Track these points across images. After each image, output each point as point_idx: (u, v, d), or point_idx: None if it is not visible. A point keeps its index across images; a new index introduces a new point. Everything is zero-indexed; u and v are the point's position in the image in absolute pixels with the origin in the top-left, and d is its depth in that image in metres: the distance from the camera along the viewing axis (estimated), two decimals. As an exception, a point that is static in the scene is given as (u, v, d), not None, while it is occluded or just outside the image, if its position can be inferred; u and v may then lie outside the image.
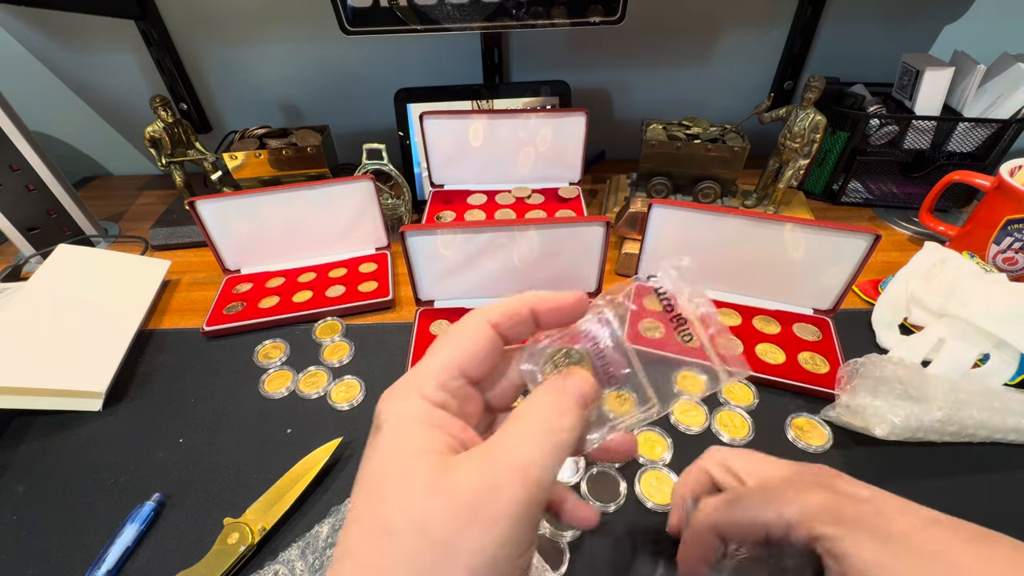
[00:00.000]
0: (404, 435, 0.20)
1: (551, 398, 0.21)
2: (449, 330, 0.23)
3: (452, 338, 0.22)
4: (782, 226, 0.50)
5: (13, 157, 0.63)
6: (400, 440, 0.20)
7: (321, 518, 0.39)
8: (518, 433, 0.20)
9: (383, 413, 0.21)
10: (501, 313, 0.23)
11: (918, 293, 0.51)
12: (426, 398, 0.21)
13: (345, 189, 0.60)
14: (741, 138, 0.64)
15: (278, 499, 0.40)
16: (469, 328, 0.22)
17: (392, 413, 0.21)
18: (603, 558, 0.37)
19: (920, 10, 0.75)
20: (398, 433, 0.20)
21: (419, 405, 0.20)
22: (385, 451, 0.20)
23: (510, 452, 0.19)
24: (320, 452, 0.43)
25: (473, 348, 0.22)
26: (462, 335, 0.22)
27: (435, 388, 0.21)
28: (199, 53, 0.79)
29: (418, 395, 0.21)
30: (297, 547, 0.37)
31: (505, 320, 0.22)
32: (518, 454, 0.19)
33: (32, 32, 0.76)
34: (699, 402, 0.47)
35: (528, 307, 0.23)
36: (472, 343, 0.22)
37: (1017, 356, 0.45)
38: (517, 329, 0.23)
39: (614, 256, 0.63)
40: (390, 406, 0.21)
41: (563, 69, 0.78)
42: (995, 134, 0.64)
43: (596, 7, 0.60)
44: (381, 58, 0.79)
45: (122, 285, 0.59)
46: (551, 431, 0.20)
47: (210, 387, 0.51)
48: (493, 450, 0.19)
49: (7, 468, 0.45)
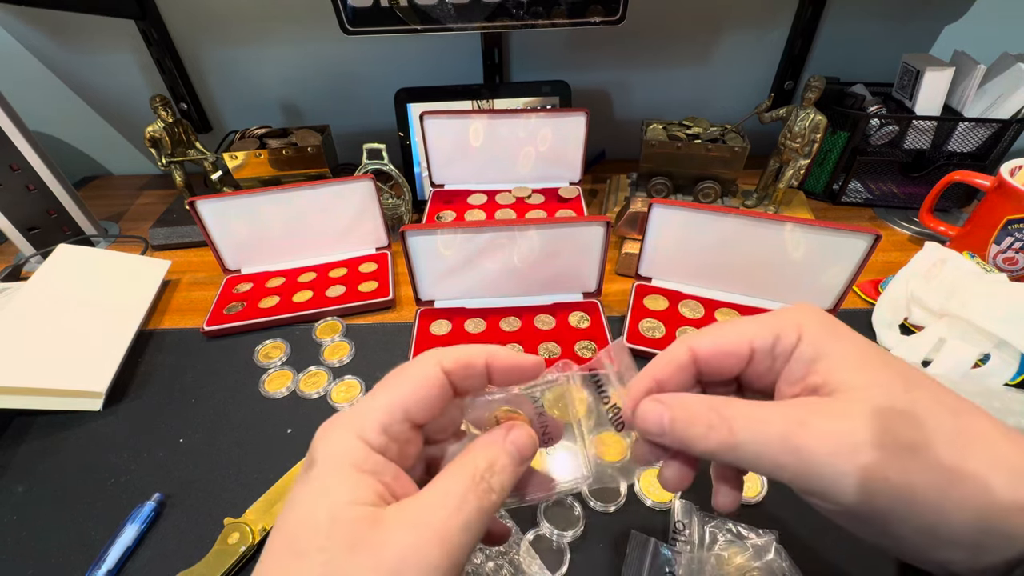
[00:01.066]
0: (334, 480, 0.19)
1: (488, 454, 0.21)
2: (401, 368, 0.22)
3: (402, 378, 0.22)
4: (782, 226, 0.50)
5: (13, 157, 0.63)
6: (329, 485, 0.19)
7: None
8: (447, 492, 0.20)
9: (318, 449, 0.20)
10: (455, 360, 0.22)
11: (918, 293, 0.51)
12: (365, 440, 0.20)
13: (345, 189, 0.60)
14: (741, 138, 0.64)
15: (278, 499, 0.40)
16: (421, 370, 0.22)
17: (327, 452, 0.20)
18: (603, 558, 0.37)
19: (920, 10, 0.75)
20: (329, 476, 0.19)
21: (355, 447, 0.20)
22: (311, 496, 0.19)
23: (436, 514, 0.19)
24: None
25: (422, 391, 0.21)
26: (413, 376, 0.22)
27: (376, 431, 0.20)
28: (199, 53, 0.79)
29: (357, 435, 0.20)
30: None
31: (459, 369, 0.22)
32: (444, 518, 0.19)
33: (32, 32, 0.76)
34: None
35: (484, 360, 0.23)
36: (421, 386, 0.22)
37: (1017, 356, 0.45)
38: (469, 381, 0.23)
39: (614, 256, 0.63)
40: (326, 443, 0.20)
41: (563, 69, 0.78)
42: (995, 134, 0.64)
43: (596, 7, 0.60)
44: (381, 58, 0.79)
45: (122, 285, 0.59)
46: (481, 493, 0.20)
47: (210, 387, 0.51)
48: (420, 509, 0.19)
49: (7, 468, 0.45)
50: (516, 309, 0.56)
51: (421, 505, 0.19)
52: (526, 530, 0.38)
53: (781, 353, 0.23)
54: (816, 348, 0.22)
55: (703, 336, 0.24)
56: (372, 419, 0.21)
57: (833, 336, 0.22)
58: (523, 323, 0.55)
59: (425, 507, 0.19)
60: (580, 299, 0.57)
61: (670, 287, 0.58)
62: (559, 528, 0.38)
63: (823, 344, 0.21)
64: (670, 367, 0.24)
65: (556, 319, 0.55)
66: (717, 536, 0.36)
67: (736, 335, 0.23)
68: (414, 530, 0.18)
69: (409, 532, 0.18)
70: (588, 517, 0.39)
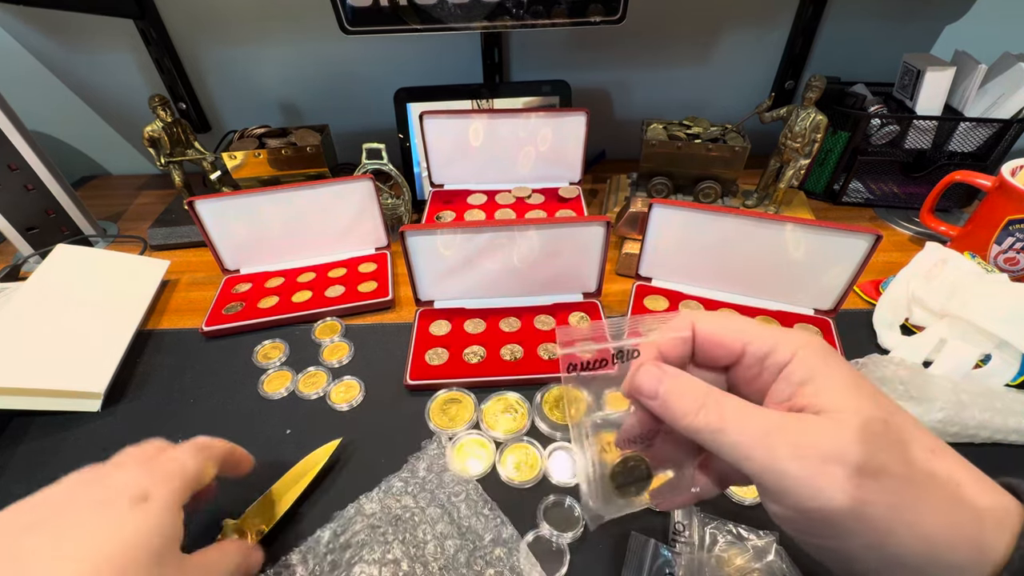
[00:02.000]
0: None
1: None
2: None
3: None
4: (783, 226, 0.50)
5: (12, 157, 0.63)
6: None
7: (323, 521, 0.39)
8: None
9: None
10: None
11: (919, 293, 0.51)
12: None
13: (345, 189, 0.60)
14: (742, 138, 0.63)
15: (277, 500, 0.40)
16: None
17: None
18: (603, 559, 0.37)
19: (921, 10, 0.75)
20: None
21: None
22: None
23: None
24: (319, 453, 0.42)
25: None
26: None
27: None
28: (198, 52, 0.79)
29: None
30: (299, 552, 0.37)
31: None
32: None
33: (31, 32, 0.76)
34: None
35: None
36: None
37: (1019, 356, 0.45)
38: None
39: (614, 256, 0.63)
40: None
41: (563, 69, 0.78)
42: (996, 134, 0.64)
43: (596, 7, 0.60)
44: (381, 58, 0.79)
45: (121, 285, 0.59)
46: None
47: (209, 387, 0.51)
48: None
49: (6, 468, 0.45)
50: (516, 309, 0.56)
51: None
52: (525, 532, 0.38)
53: (771, 366, 0.24)
54: (807, 371, 0.22)
55: (707, 318, 0.25)
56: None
57: (824, 363, 0.22)
58: (523, 323, 0.55)
59: None
60: (580, 299, 0.57)
61: (670, 287, 0.58)
62: (558, 529, 0.38)
63: (814, 368, 0.22)
64: (675, 340, 0.25)
65: (556, 319, 0.55)
66: (717, 537, 0.36)
67: (735, 331, 0.25)
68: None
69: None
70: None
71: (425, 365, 0.50)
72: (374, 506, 0.39)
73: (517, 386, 0.49)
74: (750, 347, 0.24)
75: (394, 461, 0.43)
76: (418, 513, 0.39)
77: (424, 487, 0.40)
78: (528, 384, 0.49)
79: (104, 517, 0.27)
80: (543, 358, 0.51)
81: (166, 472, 0.30)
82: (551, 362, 0.50)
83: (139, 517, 0.27)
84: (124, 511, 0.27)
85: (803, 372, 0.22)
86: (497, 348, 0.52)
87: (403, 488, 0.40)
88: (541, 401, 0.47)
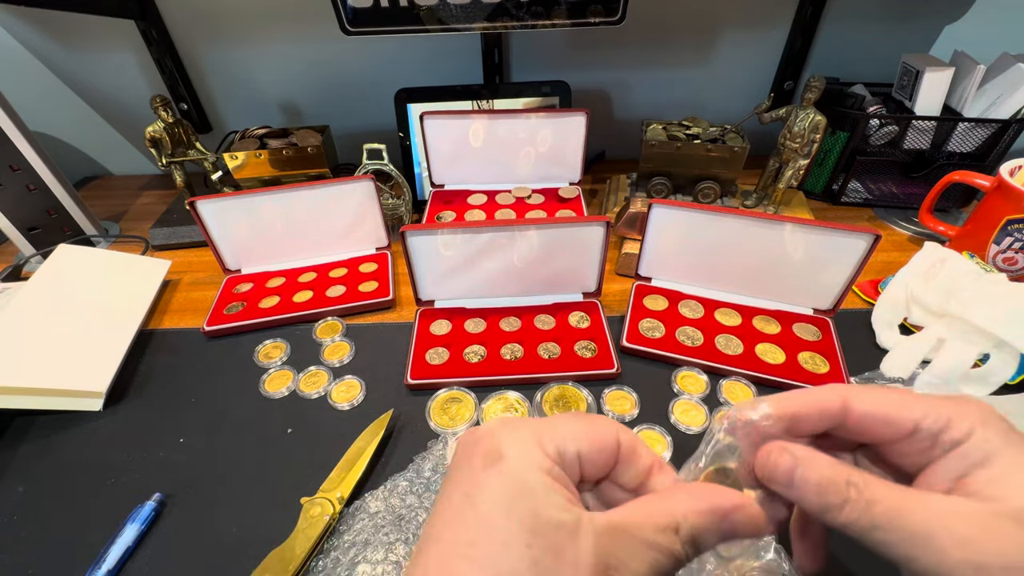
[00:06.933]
0: (534, 481, 0.19)
1: (705, 500, 0.21)
2: (584, 415, 0.22)
3: (583, 423, 0.22)
4: (782, 226, 0.50)
5: (13, 157, 0.63)
6: (530, 485, 0.19)
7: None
8: (652, 512, 0.20)
9: (504, 444, 0.20)
10: (630, 444, 0.22)
11: (918, 293, 0.51)
12: (546, 453, 0.20)
13: (345, 189, 0.60)
14: (741, 138, 0.64)
15: (347, 470, 0.41)
16: (605, 426, 0.22)
17: (520, 451, 0.20)
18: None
19: (920, 10, 0.75)
20: (527, 475, 0.19)
21: (542, 455, 0.20)
22: (510, 491, 0.19)
23: (642, 530, 0.19)
24: (376, 425, 0.44)
25: (599, 444, 0.21)
26: (593, 427, 0.22)
27: (554, 451, 0.20)
28: (199, 53, 0.79)
29: (537, 444, 0.20)
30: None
31: (626, 453, 0.22)
32: (651, 533, 0.19)
33: (32, 32, 0.76)
34: (699, 401, 0.47)
35: (651, 462, 0.23)
36: (602, 440, 0.21)
37: (1017, 356, 0.45)
38: (616, 465, 0.22)
39: (614, 256, 0.63)
40: (512, 440, 0.20)
41: (563, 69, 0.78)
42: (995, 134, 0.64)
43: (596, 7, 0.60)
44: (381, 58, 0.80)
45: (122, 285, 0.59)
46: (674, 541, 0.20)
47: (210, 387, 0.51)
48: (626, 516, 0.20)
49: (7, 468, 0.45)
50: (516, 309, 0.56)
51: (628, 512, 0.20)
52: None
53: (945, 442, 0.21)
54: (986, 452, 0.20)
55: (864, 394, 0.22)
56: (552, 439, 0.20)
57: (1007, 444, 0.20)
58: (523, 323, 0.55)
59: (631, 517, 0.20)
60: (580, 299, 0.57)
61: (670, 287, 0.58)
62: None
63: (995, 451, 0.20)
64: (814, 409, 0.22)
65: (556, 319, 0.55)
66: (717, 536, 0.36)
67: (902, 406, 0.21)
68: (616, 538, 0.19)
69: (607, 549, 0.18)
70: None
71: (426, 364, 0.51)
72: (379, 504, 0.40)
73: (517, 385, 0.49)
74: (925, 423, 0.21)
75: (394, 460, 0.43)
76: (422, 513, 0.39)
77: (429, 487, 0.41)
78: (528, 383, 0.49)
79: None
80: (543, 357, 0.51)
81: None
82: (551, 361, 0.51)
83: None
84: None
85: (982, 453, 0.20)
86: (497, 347, 0.52)
87: (408, 487, 0.41)
88: (541, 400, 0.48)
